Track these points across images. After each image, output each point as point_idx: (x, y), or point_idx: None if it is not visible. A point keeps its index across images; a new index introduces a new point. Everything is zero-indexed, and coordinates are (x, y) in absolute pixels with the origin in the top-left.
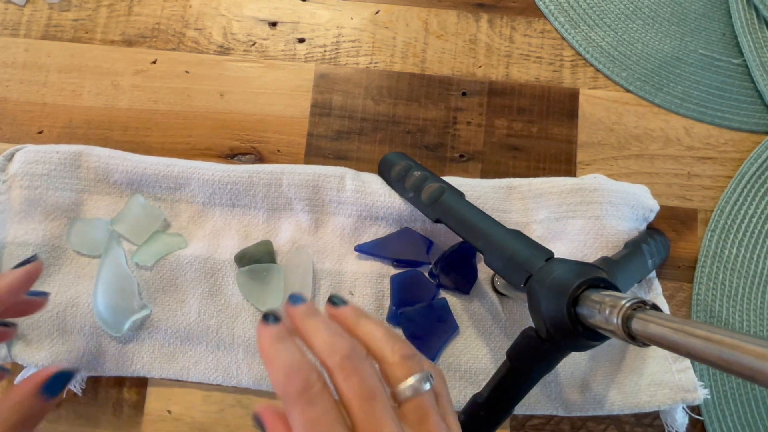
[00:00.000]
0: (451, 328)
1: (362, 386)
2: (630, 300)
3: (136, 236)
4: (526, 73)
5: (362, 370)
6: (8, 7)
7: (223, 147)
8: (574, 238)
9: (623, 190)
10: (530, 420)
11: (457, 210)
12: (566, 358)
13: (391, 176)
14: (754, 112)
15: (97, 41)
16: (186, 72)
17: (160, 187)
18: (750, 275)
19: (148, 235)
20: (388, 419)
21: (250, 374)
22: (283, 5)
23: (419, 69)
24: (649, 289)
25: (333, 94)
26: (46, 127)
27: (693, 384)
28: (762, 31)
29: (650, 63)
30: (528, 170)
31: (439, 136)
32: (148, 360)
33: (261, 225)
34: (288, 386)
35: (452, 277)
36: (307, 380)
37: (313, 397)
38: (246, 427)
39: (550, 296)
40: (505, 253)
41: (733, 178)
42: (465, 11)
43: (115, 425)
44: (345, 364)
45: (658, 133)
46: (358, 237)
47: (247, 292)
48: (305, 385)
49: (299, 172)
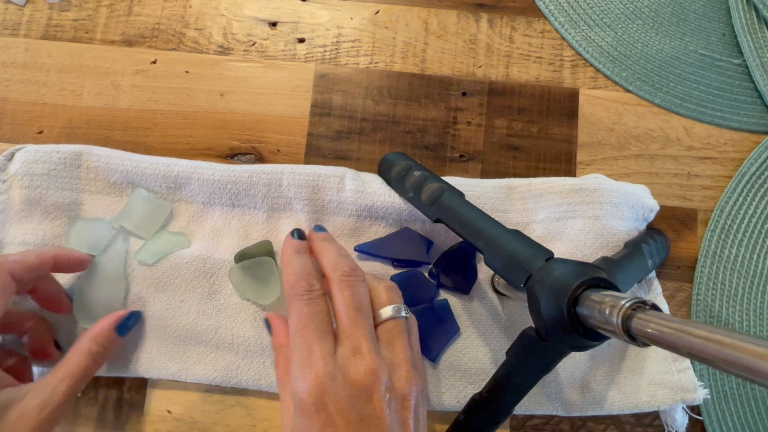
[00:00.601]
0: (452, 329)
1: (353, 299)
2: (630, 300)
3: (145, 230)
4: (526, 73)
5: (356, 287)
6: (8, 7)
7: (223, 147)
8: (574, 238)
9: (623, 190)
10: (530, 420)
11: (457, 210)
12: (566, 358)
13: (391, 176)
14: (754, 112)
15: (97, 41)
16: (186, 72)
17: (160, 186)
18: (750, 275)
19: (157, 228)
20: (366, 330)
21: (250, 374)
22: (283, 5)
23: (419, 69)
24: (649, 289)
25: (333, 94)
26: (46, 127)
27: (693, 384)
28: (762, 31)
29: (650, 63)
30: (528, 170)
31: (439, 136)
32: (147, 360)
33: (261, 225)
34: (294, 287)
35: (452, 277)
36: (311, 285)
37: (312, 298)
38: (246, 427)
39: (550, 296)
40: (505, 253)
41: (733, 178)
42: (465, 11)
43: (115, 425)
44: (343, 278)
45: (658, 133)
46: (358, 237)
47: (242, 290)
48: (308, 288)
49: (299, 172)
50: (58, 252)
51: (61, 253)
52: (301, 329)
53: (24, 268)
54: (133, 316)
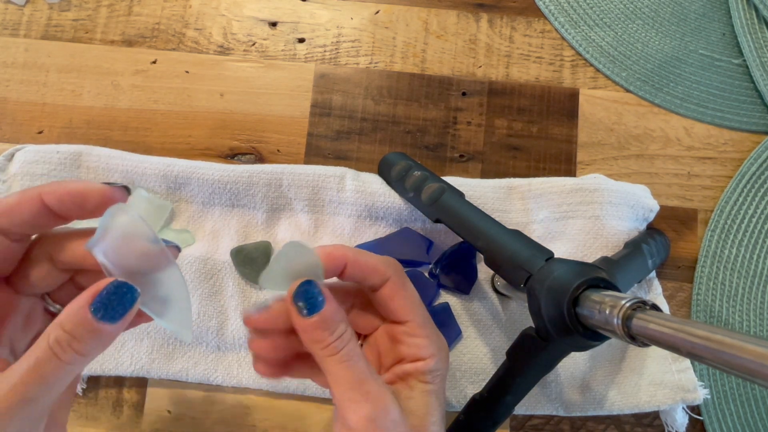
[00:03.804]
0: (453, 332)
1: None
2: (630, 300)
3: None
4: (526, 73)
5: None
6: (8, 7)
7: (223, 147)
8: (574, 238)
9: (623, 190)
10: (530, 420)
11: (457, 210)
12: (566, 358)
13: (391, 176)
14: (754, 112)
15: (97, 41)
16: (186, 72)
17: (159, 186)
18: (750, 275)
19: (159, 228)
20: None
21: (250, 374)
22: (283, 5)
23: (419, 69)
24: (649, 289)
25: (333, 94)
26: (46, 127)
27: (693, 384)
28: (762, 31)
29: (650, 63)
30: (528, 170)
31: (439, 136)
32: (147, 360)
33: (260, 225)
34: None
35: (452, 277)
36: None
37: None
38: (246, 426)
39: (550, 296)
40: (505, 253)
41: (733, 178)
42: (465, 11)
43: (115, 425)
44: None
45: (658, 133)
46: (358, 237)
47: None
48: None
49: (299, 172)
50: (44, 189)
51: (50, 189)
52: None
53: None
54: (117, 289)
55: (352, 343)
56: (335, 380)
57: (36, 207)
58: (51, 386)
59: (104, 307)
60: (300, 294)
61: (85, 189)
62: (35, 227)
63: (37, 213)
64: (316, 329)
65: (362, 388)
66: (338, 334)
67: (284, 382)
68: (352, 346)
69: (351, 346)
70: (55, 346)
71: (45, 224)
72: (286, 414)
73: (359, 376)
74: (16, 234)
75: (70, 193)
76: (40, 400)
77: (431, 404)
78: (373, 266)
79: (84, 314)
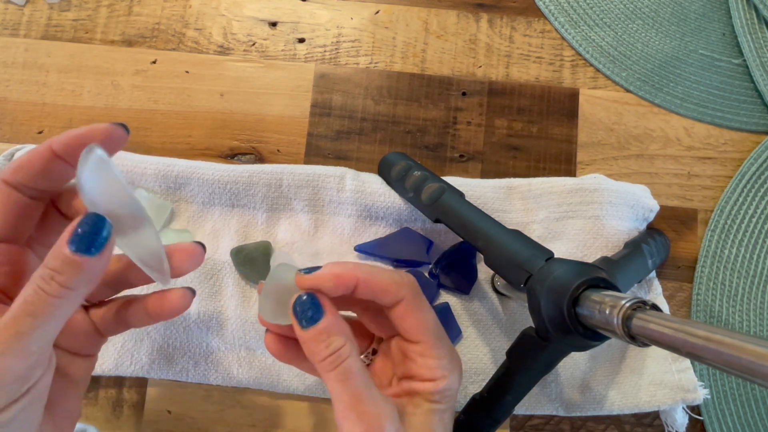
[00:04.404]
0: (453, 332)
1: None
2: (630, 300)
3: None
4: (526, 73)
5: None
6: (8, 7)
7: (223, 147)
8: (574, 238)
9: (623, 190)
10: (530, 420)
11: (457, 210)
12: (566, 358)
13: (391, 176)
14: (754, 112)
15: (97, 41)
16: (186, 72)
17: (159, 186)
18: (750, 275)
19: (160, 228)
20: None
21: (250, 374)
22: (283, 5)
23: (419, 69)
24: (649, 289)
25: (333, 94)
26: (46, 127)
27: (693, 384)
28: (762, 31)
29: (650, 63)
30: (528, 170)
31: (439, 136)
32: (147, 361)
33: (260, 225)
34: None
35: (452, 277)
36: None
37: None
38: (246, 427)
39: (550, 296)
40: (505, 253)
41: (733, 178)
42: (465, 11)
43: (115, 425)
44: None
45: (658, 133)
46: (358, 237)
47: (255, 279)
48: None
49: (299, 172)
50: (53, 139)
51: (58, 137)
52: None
53: (14, 169)
54: (90, 222)
55: (351, 358)
56: (333, 396)
57: (46, 156)
58: (41, 320)
59: (79, 240)
60: (297, 306)
61: (89, 130)
62: (49, 179)
63: (47, 161)
64: (311, 341)
65: (358, 408)
66: (334, 348)
67: (284, 382)
68: (351, 361)
69: (350, 362)
70: (40, 282)
71: (57, 174)
72: (287, 414)
73: (356, 394)
74: (31, 189)
75: (75, 136)
76: (32, 334)
77: (434, 424)
78: (384, 287)
79: (63, 249)
